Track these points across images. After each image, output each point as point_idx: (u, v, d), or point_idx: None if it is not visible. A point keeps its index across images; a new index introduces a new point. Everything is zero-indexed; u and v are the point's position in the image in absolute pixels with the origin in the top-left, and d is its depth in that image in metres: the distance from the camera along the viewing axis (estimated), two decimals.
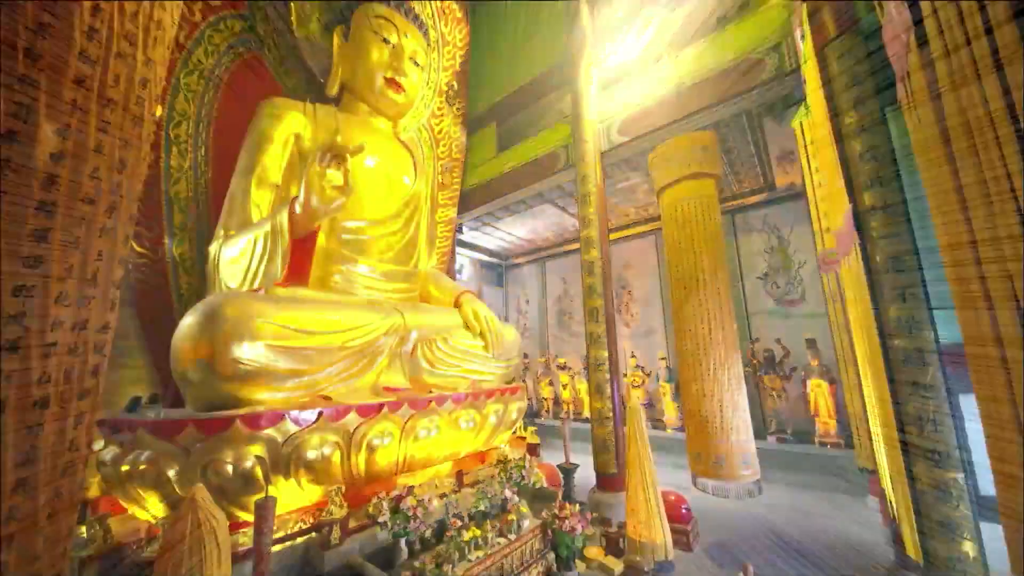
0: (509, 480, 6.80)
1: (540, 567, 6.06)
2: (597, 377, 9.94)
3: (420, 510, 5.15)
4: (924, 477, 4.03)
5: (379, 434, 5.80)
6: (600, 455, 9.81)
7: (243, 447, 4.59)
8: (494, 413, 8.34)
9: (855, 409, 7.37)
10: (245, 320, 5.04)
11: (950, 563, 3.78)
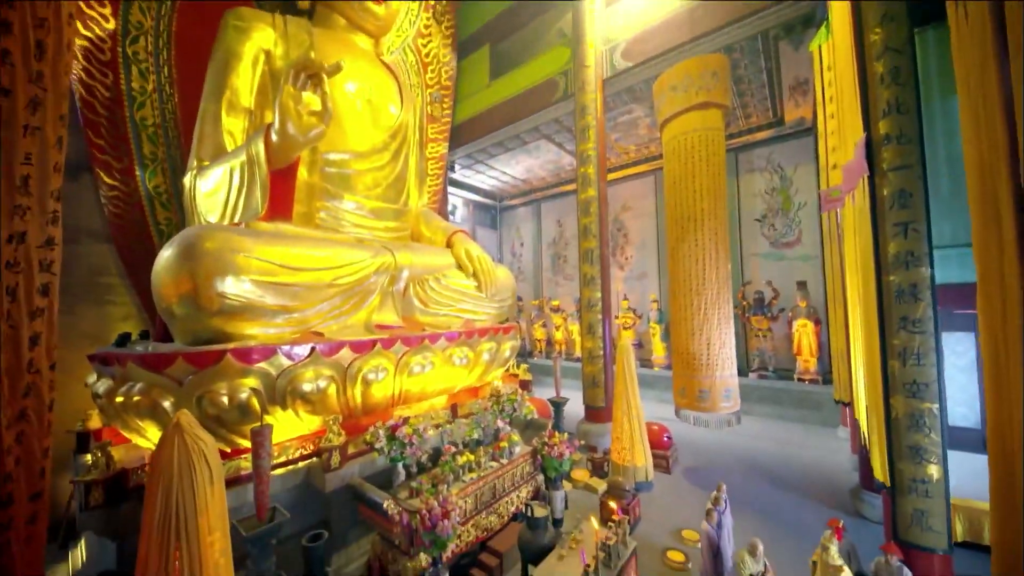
0: (501, 412, 7.06)
1: (530, 487, 6.49)
2: (589, 317, 10.07)
3: (416, 438, 5.36)
4: (901, 407, 4.21)
5: (374, 369, 5.88)
6: (589, 390, 10.22)
7: (237, 379, 4.62)
8: (487, 351, 8.50)
9: (838, 346, 7.59)
10: (226, 254, 4.85)
11: (914, 484, 4.06)
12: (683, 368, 7.75)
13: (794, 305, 11.79)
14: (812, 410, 11.13)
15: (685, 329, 7.60)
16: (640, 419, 7.90)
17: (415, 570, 4.65)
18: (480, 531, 5.46)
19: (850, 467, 8.26)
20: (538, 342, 18.60)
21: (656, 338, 14.56)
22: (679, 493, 7.45)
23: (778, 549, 5.62)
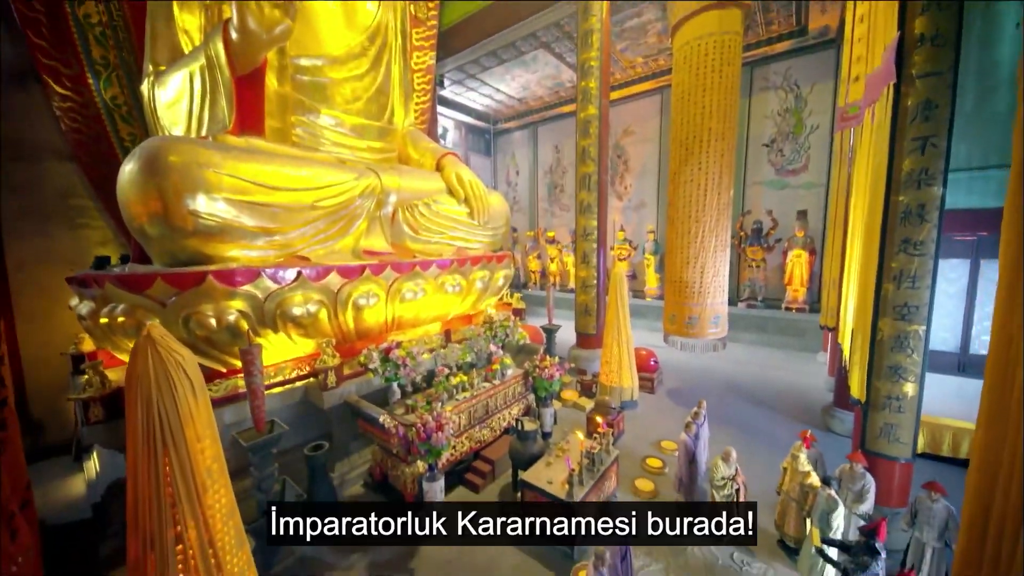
0: (494, 337, 7.19)
1: (521, 405, 6.81)
2: (584, 247, 9.91)
3: (409, 360, 5.46)
4: (888, 329, 4.27)
5: (364, 294, 5.82)
6: (581, 318, 10.39)
7: (223, 302, 4.53)
8: (480, 279, 8.44)
9: (832, 272, 7.61)
10: (194, 169, 4.49)
11: (889, 400, 4.26)
12: (675, 295, 7.79)
13: (791, 235, 11.65)
14: (795, 337, 11.51)
15: (680, 257, 7.50)
16: (629, 344, 8.12)
17: (413, 475, 5.00)
18: (473, 443, 5.81)
19: (825, 388, 8.72)
20: (532, 274, 18.61)
21: (650, 269, 14.57)
22: (661, 410, 7.89)
23: (751, 459, 6.07)
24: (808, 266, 11.41)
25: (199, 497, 2.17)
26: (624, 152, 15.57)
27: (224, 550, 2.25)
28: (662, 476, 5.70)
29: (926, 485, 3.80)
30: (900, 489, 4.26)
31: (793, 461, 4.36)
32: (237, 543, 2.35)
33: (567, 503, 4.21)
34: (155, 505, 2.06)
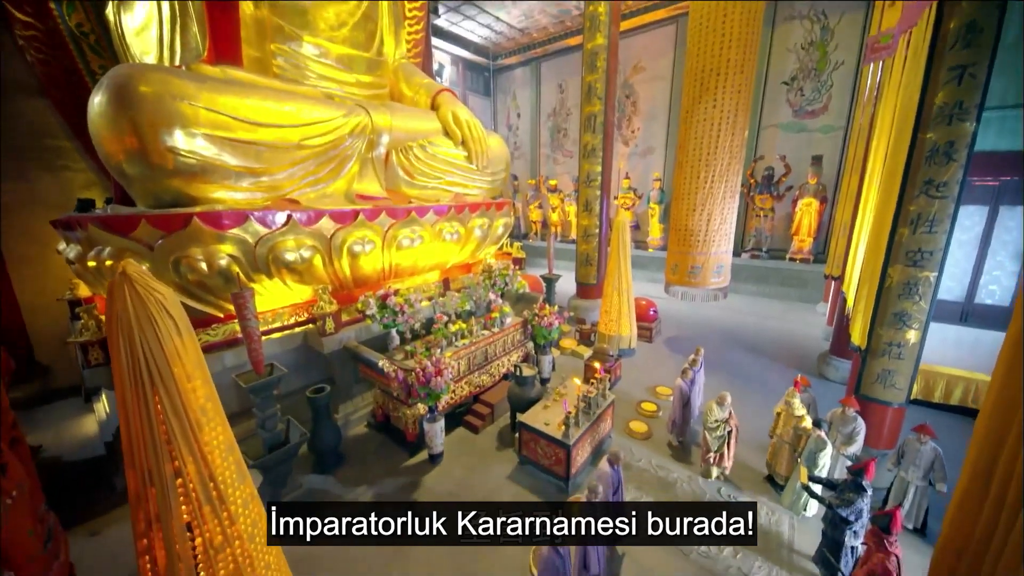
0: (493, 286, 7.11)
1: (520, 352, 6.89)
2: (587, 193, 9.55)
3: (407, 307, 5.41)
4: (897, 275, 4.14)
5: (359, 241, 5.65)
6: (582, 268, 10.27)
7: (212, 245, 4.39)
8: (479, 227, 8.20)
9: (843, 219, 7.38)
10: (168, 102, 4.15)
11: (890, 347, 4.24)
12: (679, 244, 7.60)
13: (803, 183, 11.19)
14: (797, 288, 11.44)
15: (687, 204, 7.22)
16: (629, 294, 8.07)
17: (414, 417, 5.14)
18: (473, 387, 5.93)
19: (822, 337, 8.78)
20: (533, 224, 18.23)
21: (654, 219, 14.21)
22: (658, 358, 8.00)
23: (745, 404, 6.21)
24: (817, 215, 11.07)
25: (195, 434, 2.17)
26: (633, 92, 14.61)
27: (226, 483, 2.30)
28: (656, 419, 5.87)
29: (917, 428, 3.87)
30: (890, 433, 4.36)
31: (787, 407, 4.43)
32: (239, 477, 2.41)
33: (563, 443, 4.33)
34: (149, 442, 2.07)
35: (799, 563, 3.62)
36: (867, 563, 2.81)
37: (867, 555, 2.89)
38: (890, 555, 2.75)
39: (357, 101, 6.40)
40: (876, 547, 2.82)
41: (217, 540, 2.24)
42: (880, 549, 2.79)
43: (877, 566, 2.74)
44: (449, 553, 3.77)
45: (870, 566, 2.78)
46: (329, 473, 4.75)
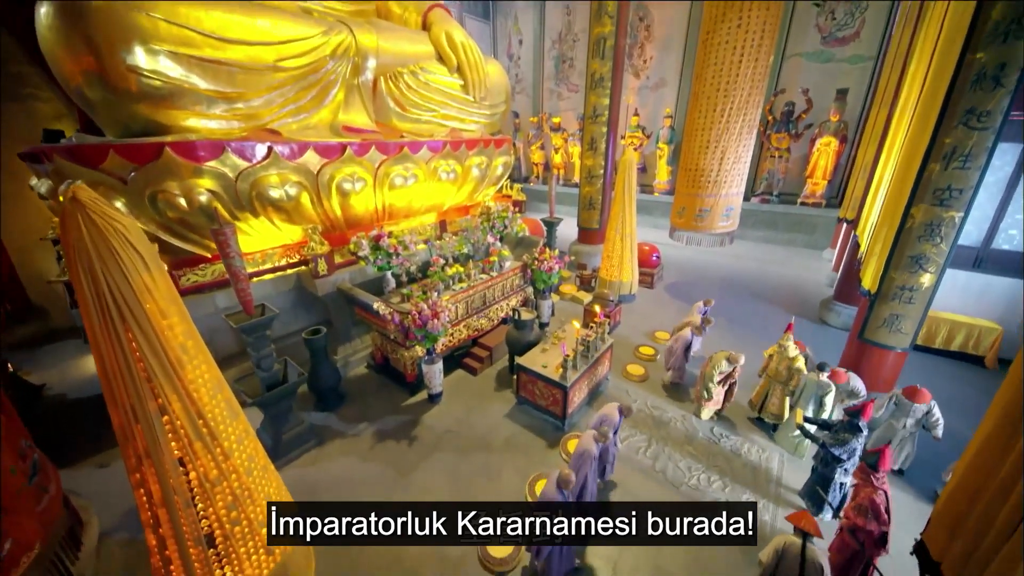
0: (492, 228, 6.85)
1: (519, 297, 6.80)
2: (593, 130, 8.94)
3: (401, 248, 5.21)
4: (921, 215, 3.90)
5: (349, 178, 5.32)
6: (585, 212, 9.90)
7: (189, 179, 4.10)
8: (477, 166, 7.76)
9: (866, 157, 6.95)
10: (121, 12, 3.65)
11: (901, 291, 4.10)
12: (687, 186, 7.22)
13: (824, 120, 10.46)
14: (805, 234, 11.15)
15: (700, 140, 6.74)
16: (632, 238, 7.81)
17: (412, 359, 5.15)
18: (471, 331, 5.90)
19: (826, 284, 8.66)
20: (535, 166, 17.43)
21: (662, 161, 13.52)
22: (658, 304, 7.93)
23: (743, 347, 6.21)
24: (835, 156, 10.48)
25: (176, 372, 2.09)
26: (647, 13, 13.23)
27: (216, 421, 2.27)
28: (654, 363, 5.90)
29: (907, 392, 3.84)
30: (889, 377, 4.35)
31: (780, 349, 4.40)
32: (230, 414, 2.37)
33: (560, 384, 4.35)
34: (128, 380, 1.99)
35: (786, 496, 3.76)
36: (856, 498, 2.89)
37: (856, 491, 2.96)
38: (878, 490, 2.81)
39: (339, 17, 5.73)
40: (864, 483, 2.88)
41: (212, 474, 2.24)
42: (868, 485, 2.85)
43: (865, 500, 2.81)
44: (450, 480, 3.91)
45: (859, 500, 2.85)
46: (330, 411, 4.85)
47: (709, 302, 5.59)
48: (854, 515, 2.82)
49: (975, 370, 5.71)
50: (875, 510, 2.76)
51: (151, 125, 4.10)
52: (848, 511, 2.88)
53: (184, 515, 2.15)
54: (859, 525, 2.80)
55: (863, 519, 2.77)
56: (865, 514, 2.78)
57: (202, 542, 2.21)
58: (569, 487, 2.84)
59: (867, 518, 2.76)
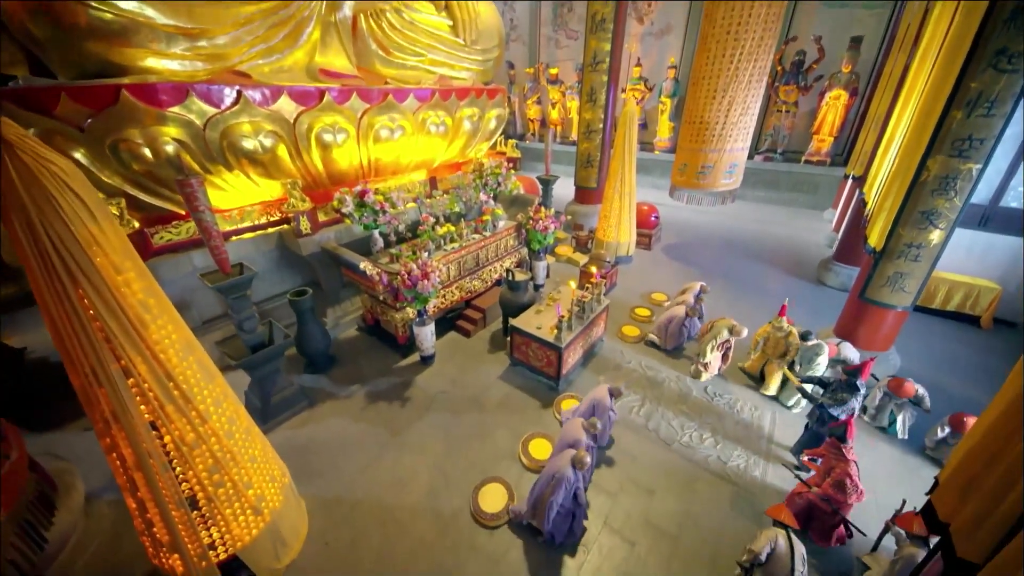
0: (485, 186, 6.54)
1: (514, 258, 6.61)
2: (592, 79, 8.38)
3: (388, 205, 4.95)
4: (937, 167, 3.68)
5: (329, 128, 4.95)
6: (582, 170, 9.51)
7: (152, 127, 3.77)
8: (468, 119, 7.30)
9: (879, 110, 6.62)
10: None
11: (908, 248, 3.97)
12: (691, 140, 6.86)
13: (835, 71, 9.90)
14: (807, 194, 10.88)
15: (706, 90, 6.32)
16: (631, 197, 7.54)
17: (403, 320, 5.03)
18: (464, 293, 5.75)
19: (825, 244, 8.52)
20: (531, 123, 16.64)
21: (664, 117, 12.90)
22: (656, 266, 7.79)
23: (737, 307, 6.17)
24: (844, 110, 10.02)
25: (138, 332, 1.94)
26: None
27: (189, 383, 2.14)
28: (649, 324, 5.83)
29: (892, 386, 3.81)
30: (888, 335, 4.30)
31: (775, 330, 4.33)
32: (204, 376, 2.25)
33: (555, 345, 4.27)
34: (85, 342, 1.83)
35: (777, 452, 3.79)
36: (831, 473, 2.93)
37: (827, 465, 3.00)
38: (850, 463, 2.90)
39: None
40: (836, 457, 2.92)
41: (189, 438, 2.14)
42: (840, 459, 2.89)
43: (842, 475, 2.86)
44: (443, 440, 3.91)
45: (835, 476, 2.90)
46: (321, 373, 4.78)
47: (706, 289, 5.43)
48: (834, 491, 2.91)
49: (970, 330, 5.71)
50: (853, 484, 2.84)
51: (107, 66, 3.70)
52: (827, 488, 2.93)
53: (162, 479, 2.07)
54: (840, 500, 2.87)
55: (843, 495, 2.84)
56: (844, 489, 2.85)
57: (184, 505, 2.15)
58: (584, 468, 2.86)
59: (846, 493, 2.84)
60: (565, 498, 2.84)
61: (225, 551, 2.33)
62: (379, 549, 3.03)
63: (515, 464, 3.69)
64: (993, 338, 5.54)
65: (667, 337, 5.13)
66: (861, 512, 3.11)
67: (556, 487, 2.80)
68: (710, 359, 4.53)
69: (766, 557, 2.40)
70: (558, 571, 2.90)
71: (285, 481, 2.81)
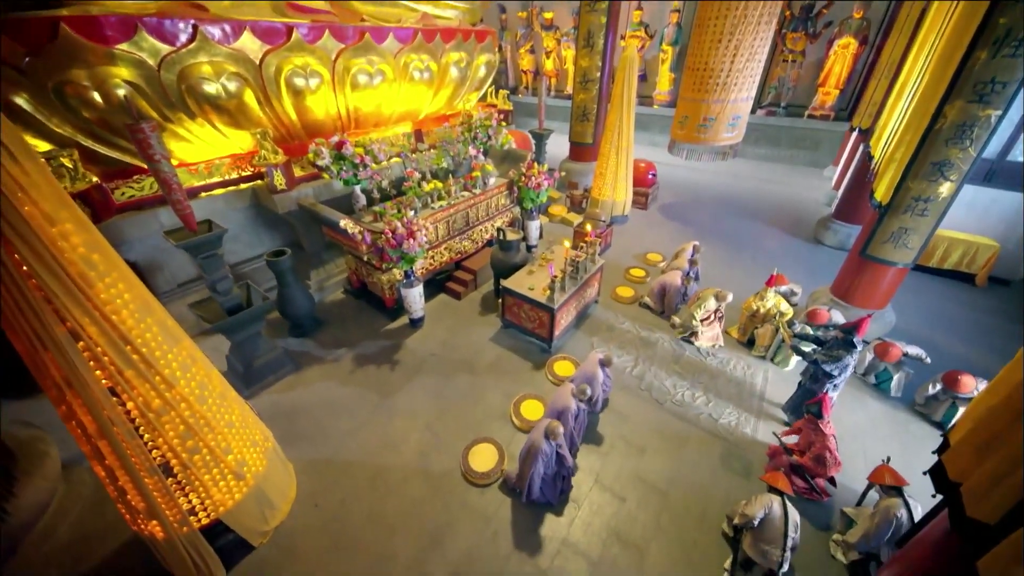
0: (474, 140, 6.16)
1: (505, 218, 6.35)
2: (590, 21, 7.76)
3: (369, 158, 4.61)
4: (954, 113, 3.45)
5: (300, 71, 4.50)
6: (578, 125, 9.04)
7: (100, 66, 3.36)
8: (456, 64, 6.76)
9: (891, 57, 6.25)
10: None
11: (916, 202, 3.80)
12: (693, 89, 6.45)
13: (846, 17, 9.29)
14: (808, 150, 10.55)
15: (711, 33, 5.86)
16: (629, 153, 7.19)
17: (390, 282, 4.84)
18: (454, 254, 5.54)
19: (824, 203, 8.33)
20: (524, 74, 15.70)
21: (665, 67, 12.19)
22: (652, 226, 7.59)
23: (735, 268, 6.06)
24: (852, 60, 9.51)
25: (83, 291, 1.75)
26: None
27: (149, 346, 1.98)
28: (644, 285, 5.72)
29: (880, 350, 3.77)
30: (886, 292, 4.23)
31: (762, 300, 4.26)
32: (167, 339, 2.09)
33: (547, 306, 4.14)
34: (22, 302, 1.64)
35: (768, 410, 3.80)
36: (810, 448, 2.92)
37: (805, 439, 2.98)
38: (828, 437, 2.90)
39: None
40: (814, 432, 2.90)
41: (155, 404, 2.00)
42: (818, 433, 2.89)
43: (822, 451, 2.85)
44: (434, 402, 3.85)
45: (815, 451, 2.90)
46: (307, 337, 4.64)
47: (699, 249, 5.27)
48: (813, 464, 2.92)
49: (965, 288, 5.68)
50: (832, 457, 2.85)
51: None
52: (807, 462, 2.94)
53: (130, 446, 1.95)
54: (820, 473, 2.89)
55: (823, 468, 2.87)
56: (824, 463, 2.87)
57: (157, 472, 2.05)
58: (558, 439, 2.79)
59: (826, 466, 2.86)
60: (546, 467, 2.82)
61: (207, 516, 2.27)
62: (369, 509, 3.02)
63: (507, 425, 3.66)
64: (987, 296, 5.53)
65: (664, 306, 5.04)
66: (849, 466, 3.14)
67: (533, 460, 2.77)
68: (701, 329, 4.48)
69: (758, 522, 2.41)
70: (549, 527, 2.93)
71: (268, 445, 2.73)
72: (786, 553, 2.35)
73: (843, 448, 2.94)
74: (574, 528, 2.92)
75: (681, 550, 2.80)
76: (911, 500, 2.49)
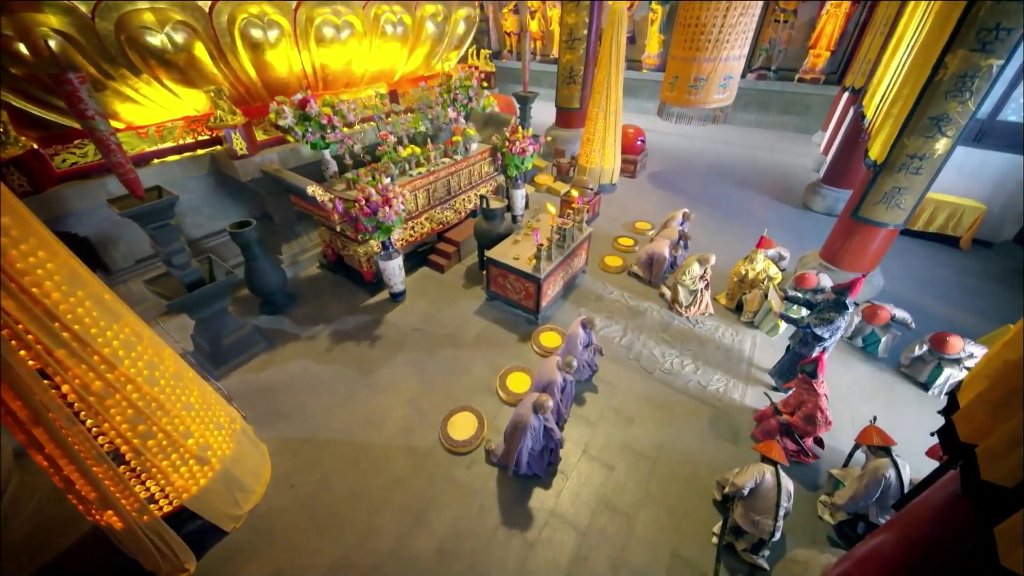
0: (454, 102, 5.78)
1: (489, 186, 6.08)
2: None
3: (337, 118, 4.26)
4: (955, 64, 3.16)
5: (256, 21, 4.06)
6: (564, 88, 8.62)
7: (24, 14, 2.94)
8: (432, 19, 6.27)
9: (887, 12, 6.00)
10: None
11: (911, 160, 3.64)
12: (683, 48, 6.13)
13: None
14: (798, 115, 10.35)
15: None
16: (617, 117, 6.90)
17: (367, 254, 4.60)
18: (435, 224, 5.28)
19: (812, 169, 8.22)
20: (508, 37, 14.94)
21: (654, 28, 11.68)
22: (640, 194, 7.40)
23: (724, 235, 5.95)
24: (844, 20, 9.21)
25: None
26: None
27: (83, 322, 1.76)
28: (632, 254, 5.58)
29: (868, 314, 3.75)
30: (876, 254, 4.17)
31: (751, 263, 4.17)
32: (106, 315, 1.87)
33: (533, 276, 3.98)
34: None
35: (755, 375, 3.76)
36: (802, 407, 2.87)
37: (797, 398, 2.93)
38: (820, 396, 2.86)
39: None
40: (807, 392, 2.85)
41: (95, 387, 1.80)
42: (811, 393, 2.84)
43: (813, 409, 2.81)
44: (417, 377, 3.72)
45: (806, 410, 2.86)
46: (279, 314, 4.41)
47: (689, 216, 5.11)
48: (803, 424, 2.89)
49: (949, 251, 5.69)
50: (823, 416, 2.82)
51: None
52: (796, 422, 2.90)
53: (71, 433, 1.76)
54: (809, 432, 2.86)
55: (812, 427, 2.83)
56: (814, 422, 2.83)
57: (106, 459, 1.87)
58: (546, 412, 2.68)
59: (816, 425, 2.83)
60: (534, 441, 2.73)
61: (169, 504, 2.12)
62: (352, 487, 2.91)
63: (492, 398, 3.56)
64: (971, 258, 5.55)
65: (652, 276, 4.92)
66: (836, 428, 3.12)
67: (521, 435, 2.67)
68: (687, 300, 4.40)
69: (748, 491, 2.36)
70: (537, 499, 2.86)
71: (236, 427, 2.57)
72: (778, 523, 2.32)
73: (831, 410, 2.91)
74: (562, 499, 2.87)
75: (670, 516, 2.77)
76: (899, 460, 2.47)
